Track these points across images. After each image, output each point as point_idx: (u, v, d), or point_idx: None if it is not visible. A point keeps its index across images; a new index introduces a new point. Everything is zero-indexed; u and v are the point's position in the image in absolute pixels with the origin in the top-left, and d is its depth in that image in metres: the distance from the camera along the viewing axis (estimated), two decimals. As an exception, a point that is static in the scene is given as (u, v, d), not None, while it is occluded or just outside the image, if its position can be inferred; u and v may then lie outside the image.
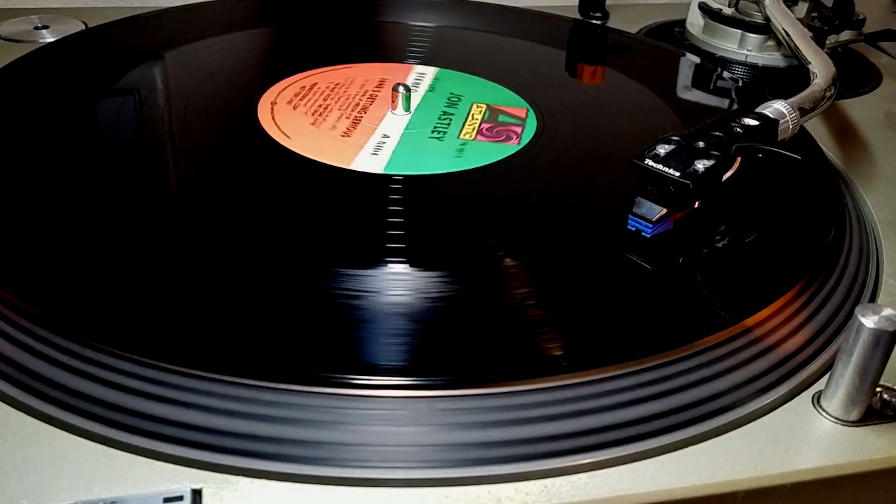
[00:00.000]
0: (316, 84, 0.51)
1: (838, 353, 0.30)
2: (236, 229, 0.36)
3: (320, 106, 0.48)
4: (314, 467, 0.27)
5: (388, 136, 0.45)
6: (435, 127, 0.47)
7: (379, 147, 0.44)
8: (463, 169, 0.43)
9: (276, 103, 0.48)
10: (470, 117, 0.48)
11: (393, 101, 0.48)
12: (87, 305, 0.31)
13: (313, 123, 0.46)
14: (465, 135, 0.46)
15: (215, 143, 0.44)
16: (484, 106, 0.50)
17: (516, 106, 0.50)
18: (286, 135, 0.45)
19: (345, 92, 0.50)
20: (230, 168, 0.42)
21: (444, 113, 0.49)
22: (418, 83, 0.53)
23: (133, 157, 0.42)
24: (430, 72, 0.55)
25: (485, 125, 0.47)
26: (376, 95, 0.50)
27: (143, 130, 0.44)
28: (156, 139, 0.44)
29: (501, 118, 0.48)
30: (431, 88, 0.52)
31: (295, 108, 0.48)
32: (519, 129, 0.47)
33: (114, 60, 0.52)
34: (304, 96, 0.49)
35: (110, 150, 0.42)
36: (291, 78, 0.52)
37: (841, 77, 0.47)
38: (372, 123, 0.47)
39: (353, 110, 0.48)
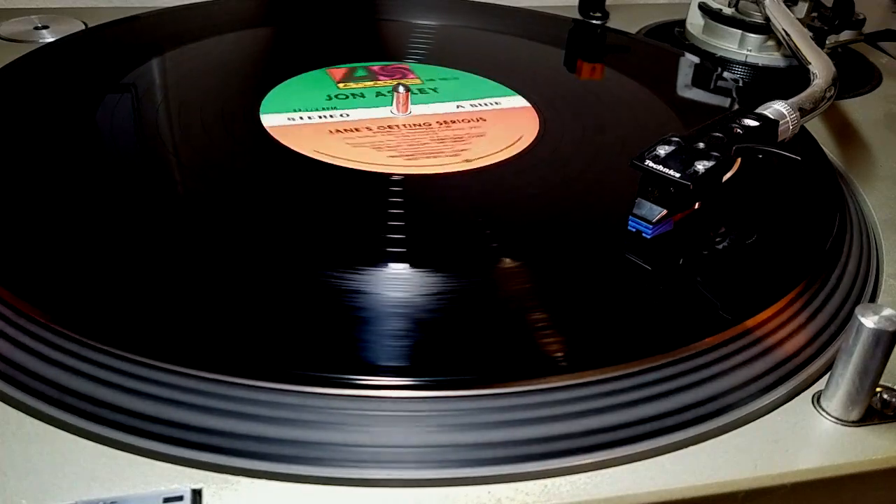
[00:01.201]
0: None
1: (838, 353, 0.30)
2: (237, 229, 0.36)
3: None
4: (314, 467, 0.27)
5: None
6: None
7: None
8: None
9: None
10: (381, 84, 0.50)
11: (398, 103, 0.48)
12: (88, 305, 0.31)
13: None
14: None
15: (215, 143, 0.44)
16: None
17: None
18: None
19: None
20: (230, 167, 0.42)
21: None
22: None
23: (133, 157, 0.42)
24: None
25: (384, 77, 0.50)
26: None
27: (143, 130, 0.44)
28: (155, 139, 0.44)
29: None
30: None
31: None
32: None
33: (114, 60, 0.52)
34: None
35: (110, 150, 0.42)
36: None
37: (841, 77, 0.47)
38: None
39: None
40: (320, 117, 0.47)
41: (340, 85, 0.51)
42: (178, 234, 0.36)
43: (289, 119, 0.47)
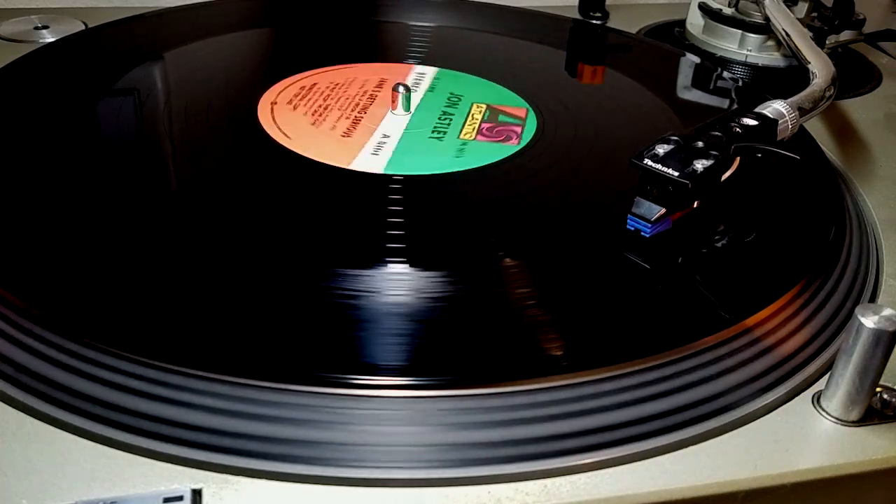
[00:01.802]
0: (316, 84, 0.51)
1: (838, 353, 0.30)
2: (236, 229, 0.36)
3: (320, 106, 0.48)
4: (314, 467, 0.27)
5: (388, 136, 0.45)
6: (435, 127, 0.47)
7: (379, 147, 0.44)
8: (463, 169, 0.43)
9: (276, 103, 0.48)
10: (470, 117, 0.48)
11: (393, 101, 0.48)
12: (88, 305, 0.31)
13: (313, 123, 0.46)
14: (465, 135, 0.46)
15: (215, 143, 0.44)
16: (484, 106, 0.50)
17: (516, 106, 0.50)
18: (286, 135, 0.45)
19: (345, 92, 0.50)
20: (230, 168, 0.42)
21: (444, 113, 0.49)
22: (418, 83, 0.53)
23: (133, 157, 0.42)
24: (429, 72, 0.55)
25: (485, 125, 0.47)
26: (376, 95, 0.50)
27: (143, 130, 0.44)
28: (155, 139, 0.44)
29: (501, 118, 0.48)
30: (431, 88, 0.52)
31: (295, 108, 0.48)
32: (519, 129, 0.47)
33: (114, 60, 0.52)
34: (304, 96, 0.49)
35: (110, 150, 0.42)
36: (291, 78, 0.52)
37: (841, 77, 0.47)
38: (372, 123, 0.47)
39: (353, 110, 0.48)
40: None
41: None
42: (178, 235, 0.36)
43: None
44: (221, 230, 0.36)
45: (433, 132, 0.46)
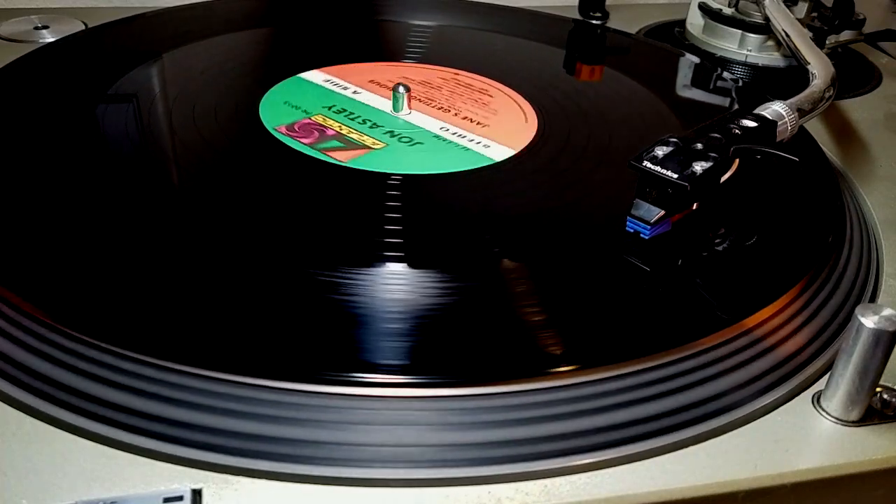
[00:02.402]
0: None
1: (838, 353, 0.30)
2: (237, 228, 0.36)
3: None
4: (314, 467, 0.27)
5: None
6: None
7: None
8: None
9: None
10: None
11: (395, 103, 0.48)
12: (88, 304, 0.31)
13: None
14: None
15: (215, 142, 0.44)
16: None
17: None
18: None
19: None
20: (231, 167, 0.42)
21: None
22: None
23: (133, 157, 0.42)
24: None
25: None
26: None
27: (143, 130, 0.44)
28: (155, 138, 0.44)
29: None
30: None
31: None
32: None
33: (114, 60, 0.52)
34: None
35: (110, 150, 0.42)
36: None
37: (841, 77, 0.47)
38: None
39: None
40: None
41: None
42: (178, 234, 0.36)
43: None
44: (221, 229, 0.36)
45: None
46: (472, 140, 0.46)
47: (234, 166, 0.42)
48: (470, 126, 0.47)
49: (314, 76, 0.52)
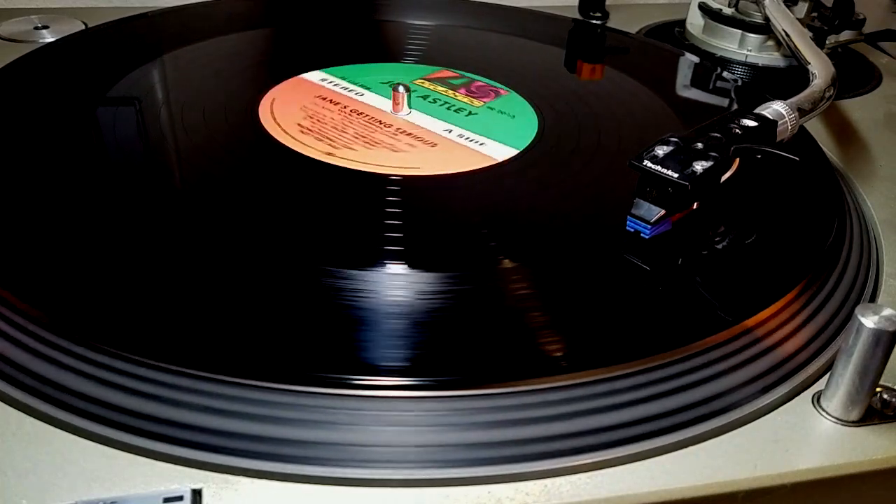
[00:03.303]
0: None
1: (838, 353, 0.30)
2: (237, 229, 0.36)
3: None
4: (314, 467, 0.27)
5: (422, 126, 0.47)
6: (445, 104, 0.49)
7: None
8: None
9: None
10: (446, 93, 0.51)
11: (395, 102, 0.48)
12: (88, 306, 0.31)
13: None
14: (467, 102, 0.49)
15: (215, 143, 0.44)
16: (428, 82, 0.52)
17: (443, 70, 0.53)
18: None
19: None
20: (230, 167, 0.42)
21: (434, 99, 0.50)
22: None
23: (133, 157, 0.42)
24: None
25: (464, 90, 0.51)
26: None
27: (143, 130, 0.44)
28: (155, 139, 0.44)
29: (458, 81, 0.51)
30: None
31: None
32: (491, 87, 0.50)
33: (114, 60, 0.52)
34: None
35: (110, 150, 0.42)
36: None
37: (841, 77, 0.47)
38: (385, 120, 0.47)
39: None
40: (343, 88, 0.51)
41: (420, 81, 0.53)
42: (178, 235, 0.36)
43: (322, 79, 0.52)
44: (221, 230, 0.36)
45: (451, 109, 0.49)
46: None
47: (233, 167, 0.42)
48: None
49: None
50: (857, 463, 0.30)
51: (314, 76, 0.52)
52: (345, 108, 0.48)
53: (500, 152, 0.45)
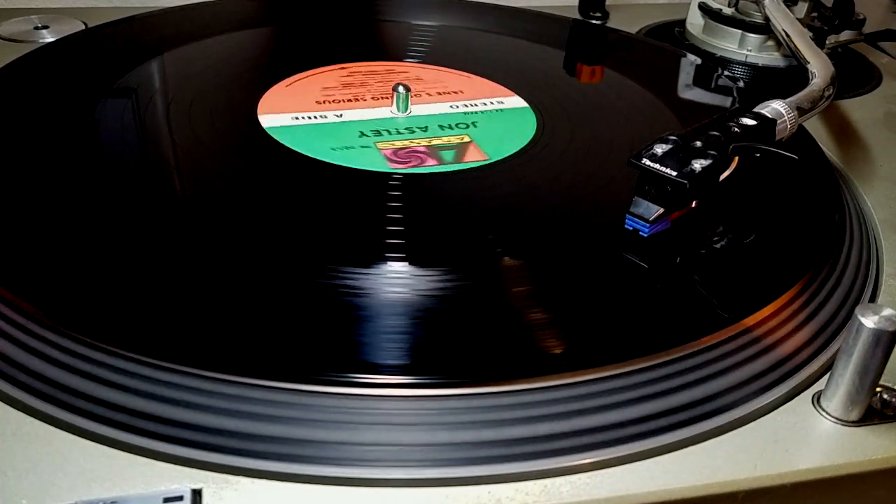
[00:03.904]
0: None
1: (838, 352, 0.30)
2: (237, 228, 0.36)
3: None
4: (314, 467, 0.27)
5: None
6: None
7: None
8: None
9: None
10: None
11: (394, 102, 0.48)
12: (88, 305, 0.31)
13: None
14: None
15: (215, 142, 0.44)
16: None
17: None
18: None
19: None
20: (230, 167, 0.42)
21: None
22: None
23: (133, 157, 0.42)
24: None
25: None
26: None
27: (143, 130, 0.44)
28: (155, 139, 0.44)
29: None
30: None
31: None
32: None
33: (114, 60, 0.52)
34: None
35: (110, 150, 0.42)
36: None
37: (841, 77, 0.47)
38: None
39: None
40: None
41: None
42: (178, 234, 0.36)
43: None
44: (222, 229, 0.36)
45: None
46: (485, 103, 0.46)
47: (233, 166, 0.42)
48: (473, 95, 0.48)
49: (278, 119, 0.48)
50: (857, 463, 0.30)
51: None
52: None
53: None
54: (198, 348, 0.29)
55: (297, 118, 0.47)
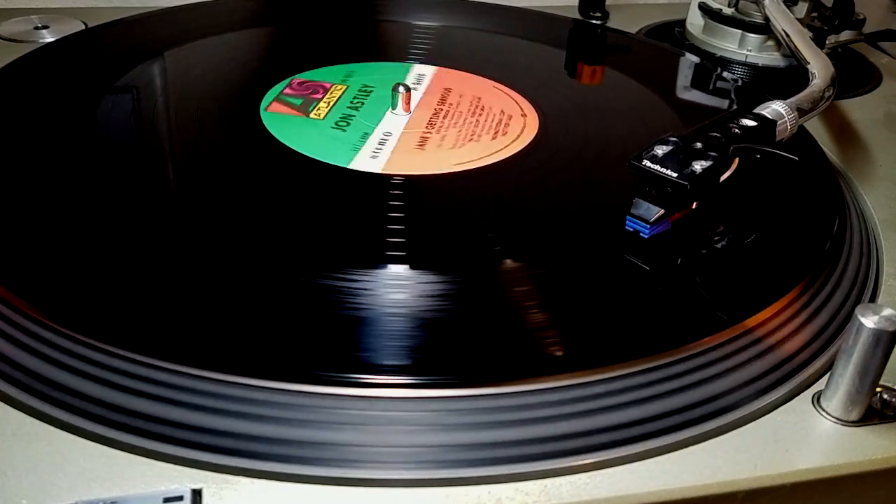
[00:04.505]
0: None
1: (838, 353, 0.30)
2: (237, 229, 0.36)
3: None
4: (314, 467, 0.27)
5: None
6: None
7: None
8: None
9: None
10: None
11: (405, 103, 0.48)
12: (88, 305, 0.31)
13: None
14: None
15: (215, 143, 0.44)
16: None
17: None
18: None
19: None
20: (230, 167, 0.42)
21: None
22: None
23: (133, 157, 0.42)
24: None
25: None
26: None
27: (143, 130, 0.44)
28: (155, 139, 0.44)
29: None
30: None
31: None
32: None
33: (114, 60, 0.52)
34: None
35: (110, 150, 0.42)
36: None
37: (841, 77, 0.47)
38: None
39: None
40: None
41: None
42: (178, 234, 0.36)
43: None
44: (222, 230, 0.36)
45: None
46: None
47: (234, 166, 0.42)
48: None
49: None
50: (857, 463, 0.30)
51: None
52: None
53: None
54: (198, 349, 0.29)
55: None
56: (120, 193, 0.38)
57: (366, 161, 0.43)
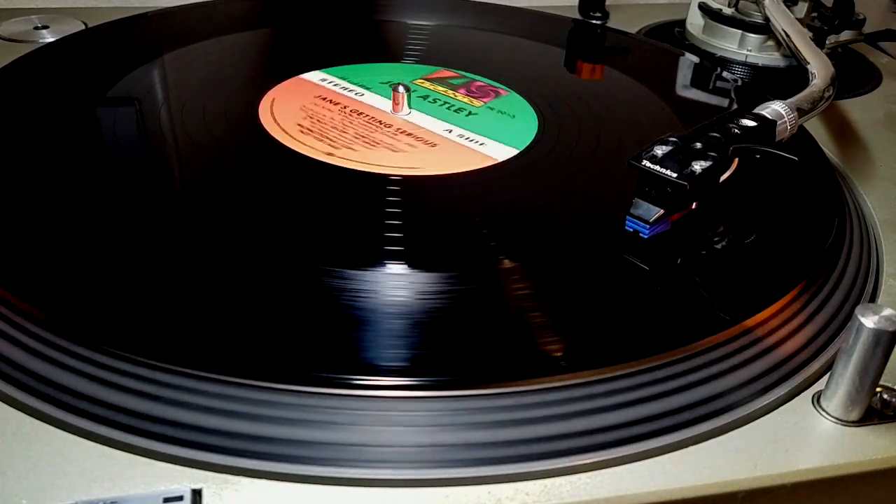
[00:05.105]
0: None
1: (838, 353, 0.30)
2: (237, 229, 0.36)
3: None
4: (314, 467, 0.27)
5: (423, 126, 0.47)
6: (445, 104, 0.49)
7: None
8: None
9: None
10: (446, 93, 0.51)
11: (395, 103, 0.48)
12: (88, 306, 0.31)
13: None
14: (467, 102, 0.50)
15: (215, 143, 0.44)
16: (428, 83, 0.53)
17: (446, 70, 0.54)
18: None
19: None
20: (230, 167, 0.42)
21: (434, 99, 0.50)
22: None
23: (133, 157, 0.42)
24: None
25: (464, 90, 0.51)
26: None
27: (143, 130, 0.44)
28: (155, 139, 0.44)
29: (457, 81, 0.52)
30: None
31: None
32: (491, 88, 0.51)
33: (114, 60, 0.52)
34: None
35: (110, 150, 0.42)
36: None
37: (841, 77, 0.47)
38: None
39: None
40: (343, 88, 0.51)
41: (420, 81, 0.53)
42: (178, 235, 0.36)
43: (322, 80, 0.52)
44: (222, 230, 0.36)
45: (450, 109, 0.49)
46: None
47: (234, 167, 0.42)
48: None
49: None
50: (857, 463, 0.30)
51: (314, 76, 0.52)
52: (345, 108, 0.48)
53: (500, 152, 0.45)
54: (198, 349, 0.29)
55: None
56: (120, 194, 0.38)
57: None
